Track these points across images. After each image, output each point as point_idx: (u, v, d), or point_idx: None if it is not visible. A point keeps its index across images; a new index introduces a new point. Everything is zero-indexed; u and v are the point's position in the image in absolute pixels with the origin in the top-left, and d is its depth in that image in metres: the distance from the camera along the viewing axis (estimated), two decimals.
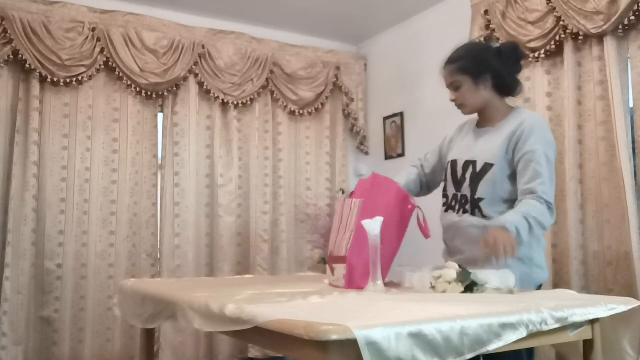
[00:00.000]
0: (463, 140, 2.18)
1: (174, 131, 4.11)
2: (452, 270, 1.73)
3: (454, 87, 2.07)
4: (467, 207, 2.03)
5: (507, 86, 2.08)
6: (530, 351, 1.95)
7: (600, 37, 2.98)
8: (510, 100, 2.15)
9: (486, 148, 2.04)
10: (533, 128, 1.96)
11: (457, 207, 2.07)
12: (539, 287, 2.00)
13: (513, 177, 1.99)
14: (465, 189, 2.05)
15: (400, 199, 1.95)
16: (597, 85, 3.01)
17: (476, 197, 2.00)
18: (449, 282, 1.70)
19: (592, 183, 3.02)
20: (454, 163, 2.13)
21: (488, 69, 2.03)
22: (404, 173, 2.32)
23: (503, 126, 2.04)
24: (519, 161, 1.95)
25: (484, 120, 2.13)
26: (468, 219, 2.02)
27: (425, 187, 2.32)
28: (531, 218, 1.84)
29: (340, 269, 1.90)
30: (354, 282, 1.84)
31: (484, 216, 1.98)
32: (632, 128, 2.89)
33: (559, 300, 1.53)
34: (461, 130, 2.25)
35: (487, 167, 2.00)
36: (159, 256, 4.04)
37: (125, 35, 3.89)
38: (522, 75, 3.33)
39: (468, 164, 2.07)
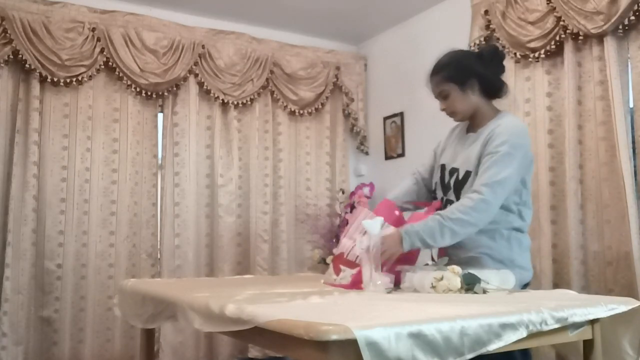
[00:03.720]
0: (453, 144, 2.22)
1: (174, 131, 4.11)
2: (453, 271, 1.73)
3: (442, 96, 2.11)
4: None
5: (494, 88, 2.11)
6: (525, 352, 1.95)
7: (600, 37, 2.98)
8: (497, 103, 2.17)
9: (467, 155, 2.08)
10: (502, 132, 1.98)
11: None
12: (524, 287, 2.04)
13: None
14: (451, 195, 2.09)
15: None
16: (597, 85, 3.01)
17: None
18: (450, 283, 1.70)
19: (592, 183, 3.02)
20: (442, 168, 2.18)
21: (472, 73, 2.06)
22: (398, 187, 2.35)
23: (482, 132, 2.07)
24: (483, 163, 1.98)
25: (474, 124, 2.15)
26: None
27: (426, 191, 2.33)
28: (448, 220, 1.88)
29: (349, 271, 1.94)
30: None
31: None
32: (632, 128, 2.89)
33: (559, 300, 1.53)
34: (452, 133, 2.29)
35: (467, 174, 2.04)
36: (159, 256, 4.04)
37: (125, 35, 3.89)
38: (522, 75, 3.38)
39: (454, 171, 2.12)
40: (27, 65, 3.59)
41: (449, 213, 1.90)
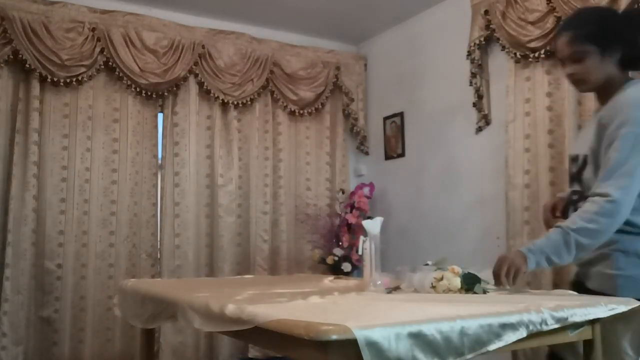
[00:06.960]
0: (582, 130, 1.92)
1: (174, 131, 4.11)
2: (453, 271, 1.73)
3: (573, 59, 1.75)
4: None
5: (637, 59, 1.75)
6: None
7: None
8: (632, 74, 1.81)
9: (582, 136, 1.82)
10: (621, 107, 1.65)
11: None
12: None
13: None
14: (575, 185, 1.85)
15: None
16: None
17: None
18: (450, 283, 1.70)
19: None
20: (569, 158, 1.90)
21: (619, 38, 1.71)
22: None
23: (604, 108, 1.76)
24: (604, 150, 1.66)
25: (600, 98, 1.83)
26: None
27: None
28: (571, 232, 1.63)
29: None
30: None
31: None
32: None
33: (559, 300, 1.53)
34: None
35: (585, 159, 1.78)
36: (159, 256, 4.04)
37: (125, 35, 3.89)
38: (522, 75, 3.37)
39: (575, 158, 1.85)
40: (27, 65, 3.59)
41: (571, 223, 1.64)
